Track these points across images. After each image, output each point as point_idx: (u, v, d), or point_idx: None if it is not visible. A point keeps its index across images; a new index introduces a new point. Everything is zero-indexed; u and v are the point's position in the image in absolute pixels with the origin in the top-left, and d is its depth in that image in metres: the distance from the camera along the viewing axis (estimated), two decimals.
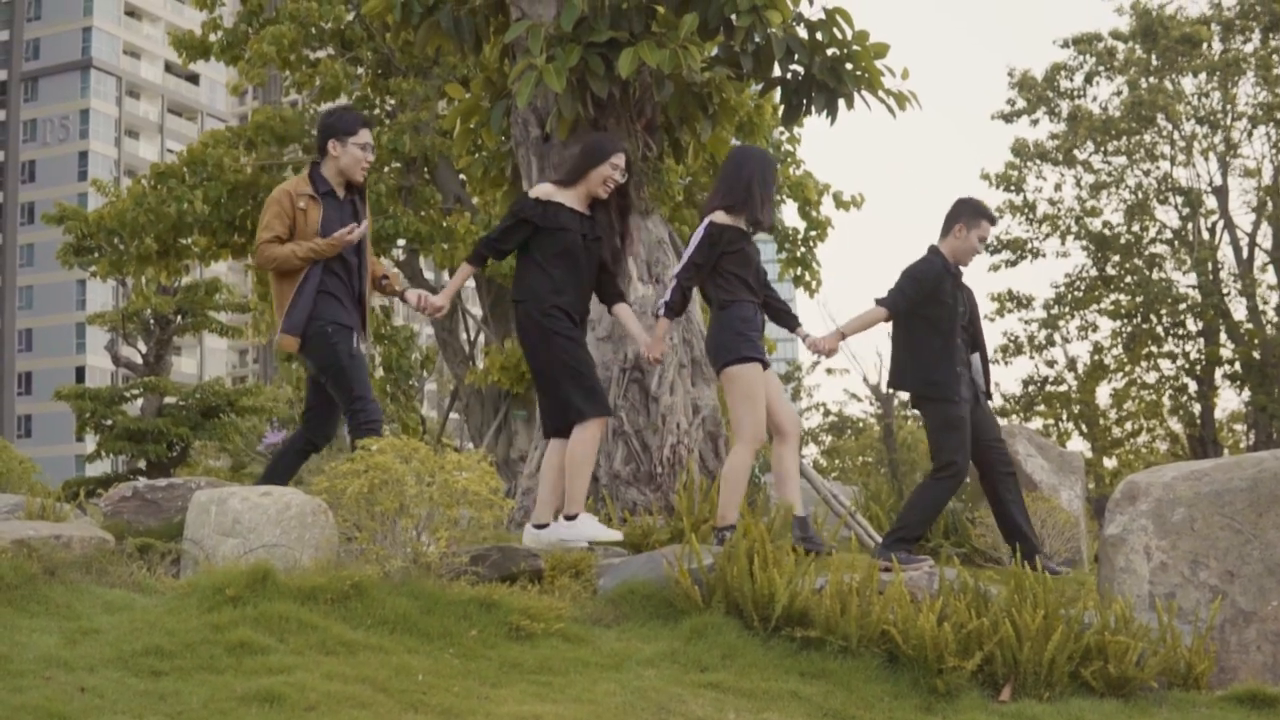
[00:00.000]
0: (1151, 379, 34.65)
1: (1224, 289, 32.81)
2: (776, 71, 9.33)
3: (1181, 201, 33.47)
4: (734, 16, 8.80)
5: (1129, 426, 36.02)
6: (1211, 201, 33.56)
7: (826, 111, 9.27)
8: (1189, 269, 33.25)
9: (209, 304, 27.79)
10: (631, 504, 8.55)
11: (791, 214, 21.81)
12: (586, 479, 7.06)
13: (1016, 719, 5.46)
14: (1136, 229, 34.02)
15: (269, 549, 5.94)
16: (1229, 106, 33.07)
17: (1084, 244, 34.33)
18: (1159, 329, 33.57)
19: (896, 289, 7.56)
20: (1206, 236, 33.50)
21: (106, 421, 26.37)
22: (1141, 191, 33.95)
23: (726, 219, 7.17)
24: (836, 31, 9.13)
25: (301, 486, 6.97)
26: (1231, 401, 37.31)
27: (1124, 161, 34.12)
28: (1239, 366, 32.53)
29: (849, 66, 9.17)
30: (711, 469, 8.87)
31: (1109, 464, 36.02)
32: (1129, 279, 33.77)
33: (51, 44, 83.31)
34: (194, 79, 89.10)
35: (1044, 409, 35.38)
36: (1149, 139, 33.65)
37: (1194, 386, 33.54)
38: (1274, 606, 6.18)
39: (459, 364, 19.08)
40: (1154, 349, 33.93)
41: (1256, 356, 32.05)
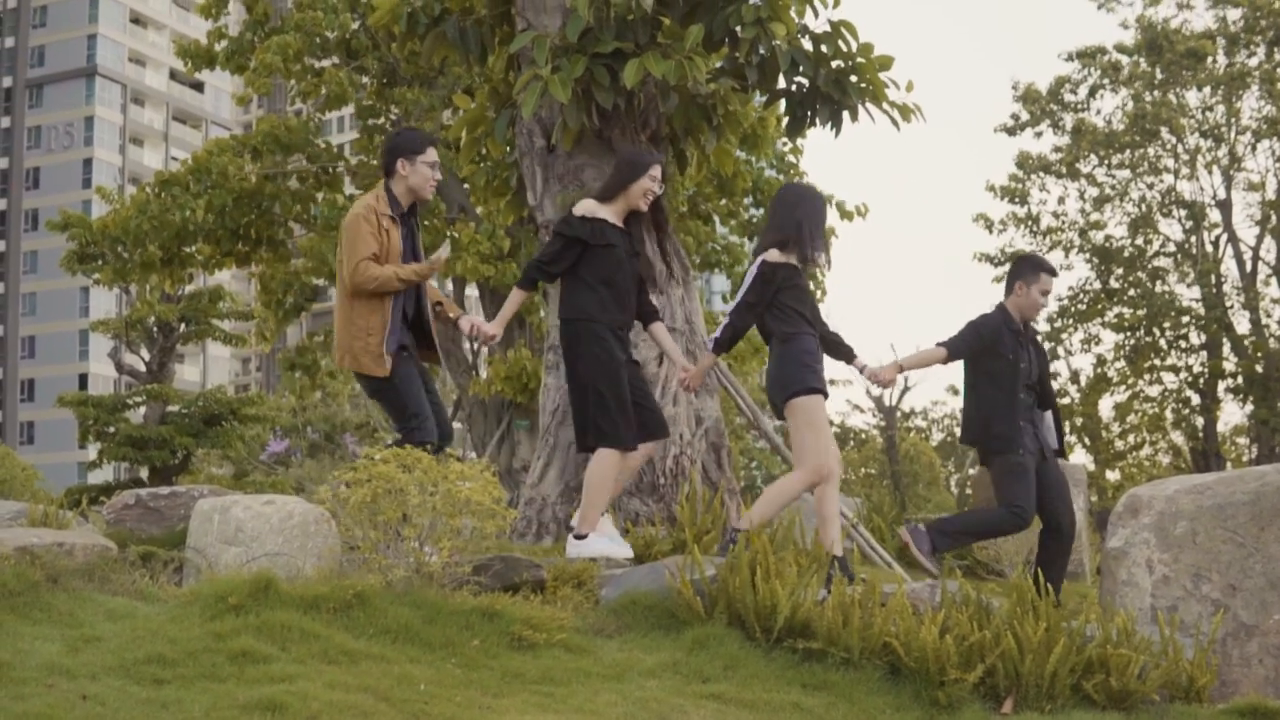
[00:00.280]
0: (1154, 392, 34.64)
1: (1227, 302, 32.81)
2: (781, 83, 9.34)
3: (1185, 215, 33.48)
4: (739, 28, 8.81)
5: (1132, 439, 36.00)
6: (1215, 215, 33.58)
7: (831, 123, 9.27)
8: (1192, 282, 33.25)
9: (212, 312, 27.79)
10: (634, 515, 8.55)
11: None
12: (601, 503, 7.09)
13: None
14: (1140, 242, 34.03)
15: (271, 558, 5.95)
16: (1233, 120, 33.09)
17: (1087, 257, 34.33)
18: (1162, 342, 33.57)
19: (958, 335, 7.75)
20: (1210, 250, 33.51)
21: (109, 429, 26.37)
22: (1145, 205, 33.96)
23: (779, 257, 7.16)
24: (841, 44, 9.14)
25: (305, 495, 6.98)
26: (1234, 415, 37.38)
27: (1128, 175, 34.14)
28: (1242, 380, 32.51)
29: (853, 79, 9.18)
30: (714, 480, 8.87)
31: (1111, 477, 36.01)
32: (1132, 292, 33.77)
33: (56, 51, 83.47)
34: (199, 87, 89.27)
35: None
36: (1153, 152, 33.67)
37: (1197, 400, 33.52)
38: (1276, 620, 6.18)
39: (462, 374, 19.09)
40: (1157, 362, 33.93)
41: (1259, 370, 32.04)
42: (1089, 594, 7.19)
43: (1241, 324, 33.06)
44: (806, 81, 9.25)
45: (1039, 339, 7.97)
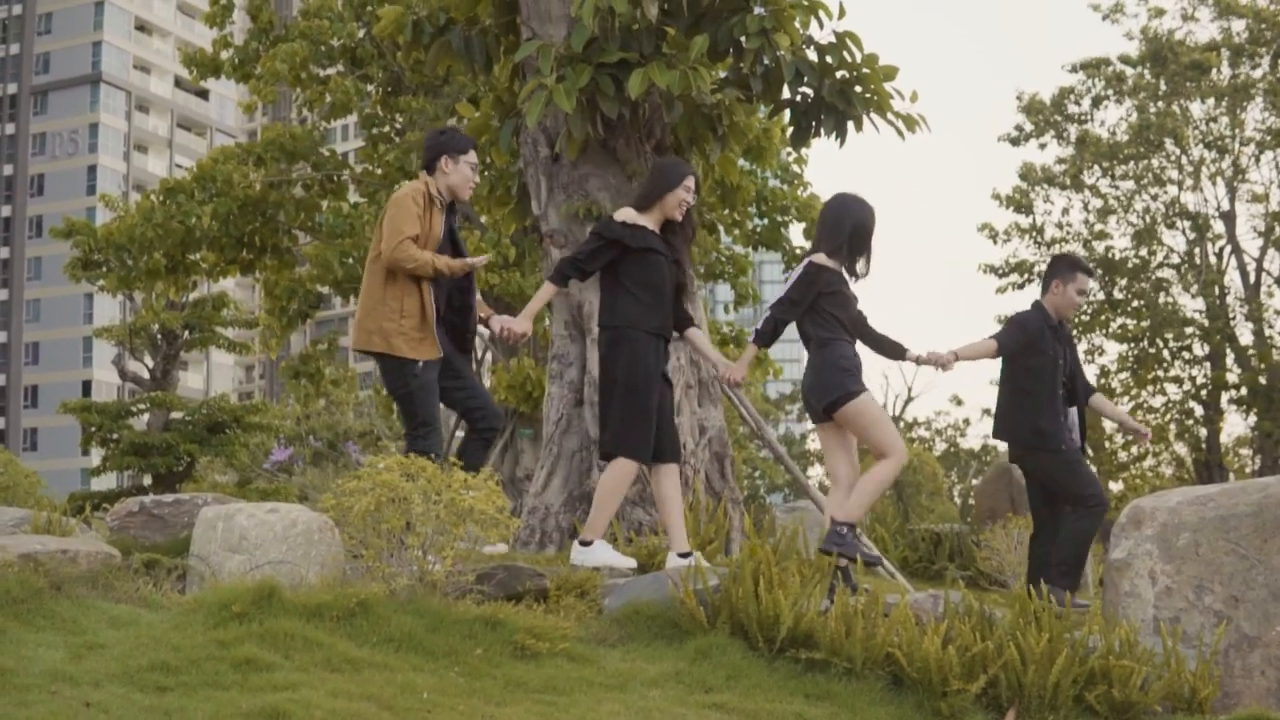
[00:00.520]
0: (1158, 403, 34.56)
1: (1231, 314, 32.77)
2: (786, 94, 9.35)
3: (1189, 226, 33.44)
4: (744, 39, 8.84)
5: (1135, 450, 35.93)
6: (1219, 226, 33.53)
7: (835, 133, 9.29)
8: (1196, 293, 33.20)
9: (216, 319, 27.84)
10: (637, 524, 8.56)
11: (799, 234, 21.87)
12: (609, 511, 7.10)
13: None
14: (1144, 253, 34.00)
15: (275, 566, 5.95)
16: (1237, 132, 33.06)
17: (1091, 267, 34.24)
18: (1165, 353, 33.51)
19: (1004, 331, 7.95)
20: (1214, 261, 33.47)
21: (113, 436, 26.41)
22: (1149, 216, 33.93)
23: (827, 261, 7.22)
24: (846, 54, 9.16)
25: (308, 503, 6.99)
26: (1237, 426, 37.28)
27: (1132, 186, 34.11)
28: (1245, 391, 32.45)
29: (858, 89, 9.20)
30: (718, 490, 8.87)
31: (1114, 488, 35.93)
32: (1136, 303, 33.72)
33: (61, 58, 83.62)
34: (204, 94, 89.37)
35: None
36: (1157, 164, 33.64)
37: (1200, 411, 33.47)
38: (1278, 632, 6.18)
39: None
40: (1160, 373, 33.86)
41: (1263, 381, 31.98)
42: (1092, 605, 7.18)
43: (1245, 335, 33.01)
44: (811, 92, 9.27)
45: (1071, 337, 8.09)
